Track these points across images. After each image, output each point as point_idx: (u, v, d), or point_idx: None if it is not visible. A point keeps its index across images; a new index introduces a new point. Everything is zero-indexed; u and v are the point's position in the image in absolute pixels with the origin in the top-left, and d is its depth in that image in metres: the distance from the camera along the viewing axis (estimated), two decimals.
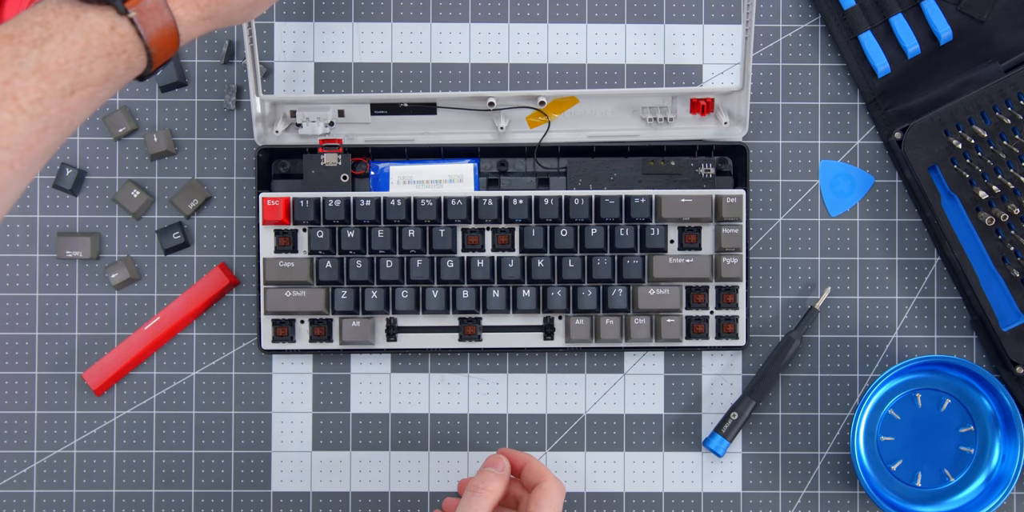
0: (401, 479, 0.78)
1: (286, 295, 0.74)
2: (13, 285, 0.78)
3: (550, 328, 0.75)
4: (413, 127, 0.77)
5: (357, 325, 0.74)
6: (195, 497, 0.78)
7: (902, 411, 0.78)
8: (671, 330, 0.75)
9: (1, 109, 0.48)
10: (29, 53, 0.49)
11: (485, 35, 0.80)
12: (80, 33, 0.50)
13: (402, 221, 0.75)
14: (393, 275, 0.75)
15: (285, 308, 0.75)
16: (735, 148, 0.77)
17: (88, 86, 0.50)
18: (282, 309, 0.75)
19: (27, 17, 0.50)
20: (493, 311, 0.75)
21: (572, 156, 0.78)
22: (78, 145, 0.79)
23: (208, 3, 0.56)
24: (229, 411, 0.78)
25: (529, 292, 0.75)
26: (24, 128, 0.48)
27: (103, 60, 0.51)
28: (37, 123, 0.49)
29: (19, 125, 0.48)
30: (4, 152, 0.48)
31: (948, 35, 0.78)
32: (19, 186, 0.50)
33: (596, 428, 0.79)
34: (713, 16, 0.80)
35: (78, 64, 0.50)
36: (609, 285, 0.75)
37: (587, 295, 0.75)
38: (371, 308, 0.75)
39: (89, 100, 0.51)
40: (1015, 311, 0.76)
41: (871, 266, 0.79)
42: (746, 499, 0.79)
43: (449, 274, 0.75)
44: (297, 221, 0.75)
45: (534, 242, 0.75)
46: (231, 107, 0.79)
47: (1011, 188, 0.76)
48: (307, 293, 0.74)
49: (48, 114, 0.49)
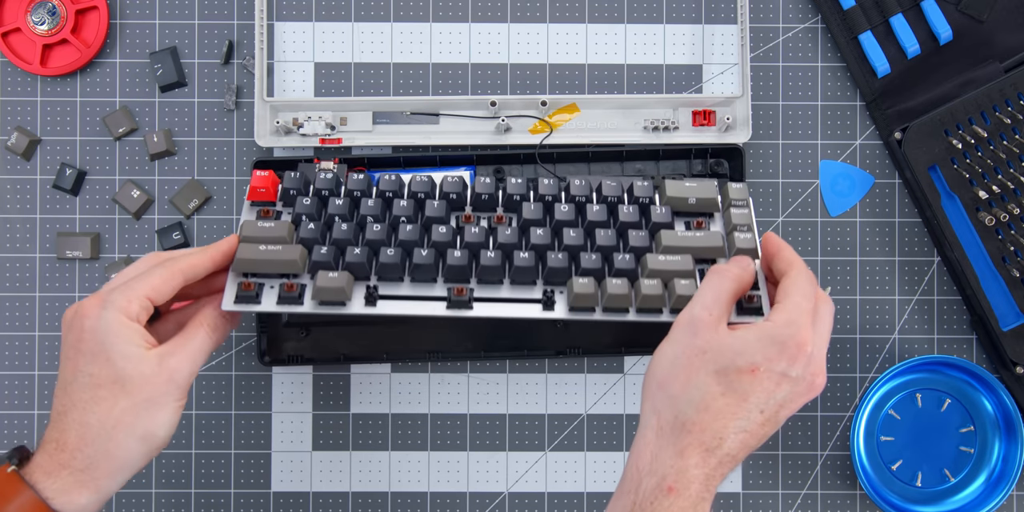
0: (401, 479, 0.78)
1: (260, 248, 0.63)
2: (13, 285, 0.78)
3: (550, 301, 0.65)
4: (415, 133, 0.77)
5: (334, 276, 0.63)
6: (195, 497, 0.78)
7: (902, 411, 0.78)
8: (685, 299, 0.62)
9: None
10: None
11: (485, 35, 0.80)
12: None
13: (394, 193, 0.68)
14: (379, 236, 0.65)
15: (255, 267, 0.63)
16: (731, 150, 0.77)
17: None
18: (252, 265, 0.63)
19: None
20: (487, 281, 0.65)
21: (569, 162, 0.78)
22: (78, 145, 0.79)
23: (73, 456, 0.55)
24: (229, 411, 0.78)
25: (528, 255, 0.65)
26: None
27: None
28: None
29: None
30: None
31: (948, 35, 0.78)
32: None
33: (596, 428, 0.79)
34: (713, 16, 0.80)
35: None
36: (615, 252, 0.66)
37: (591, 259, 0.65)
38: (353, 263, 0.64)
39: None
40: (1015, 311, 0.76)
41: (871, 266, 0.79)
42: (746, 499, 0.79)
43: (440, 237, 0.65)
44: (285, 192, 0.68)
45: (533, 214, 0.67)
46: (231, 107, 0.79)
47: (1011, 188, 0.76)
48: (283, 248, 0.63)
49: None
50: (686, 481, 0.53)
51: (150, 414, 0.56)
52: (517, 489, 0.79)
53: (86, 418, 0.55)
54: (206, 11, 0.79)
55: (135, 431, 0.56)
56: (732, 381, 0.54)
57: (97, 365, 0.56)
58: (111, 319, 0.56)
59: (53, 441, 0.56)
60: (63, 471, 0.55)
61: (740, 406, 0.54)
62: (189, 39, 0.79)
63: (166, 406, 0.57)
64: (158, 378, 0.56)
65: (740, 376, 0.54)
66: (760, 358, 0.55)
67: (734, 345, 0.55)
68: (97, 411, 0.55)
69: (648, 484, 0.54)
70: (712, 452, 0.54)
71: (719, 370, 0.55)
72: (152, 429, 0.57)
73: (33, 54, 0.78)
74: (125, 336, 0.56)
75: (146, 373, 0.56)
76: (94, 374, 0.56)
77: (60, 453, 0.55)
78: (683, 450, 0.54)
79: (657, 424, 0.55)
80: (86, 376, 0.56)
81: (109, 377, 0.55)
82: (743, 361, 0.54)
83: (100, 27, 0.78)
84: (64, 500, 0.55)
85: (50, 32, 0.77)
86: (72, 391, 0.56)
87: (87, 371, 0.56)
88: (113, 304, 0.56)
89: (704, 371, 0.55)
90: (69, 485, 0.55)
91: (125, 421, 0.56)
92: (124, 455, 0.56)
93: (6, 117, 0.79)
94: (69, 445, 0.55)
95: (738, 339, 0.55)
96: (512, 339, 0.78)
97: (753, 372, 0.54)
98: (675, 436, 0.54)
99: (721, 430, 0.54)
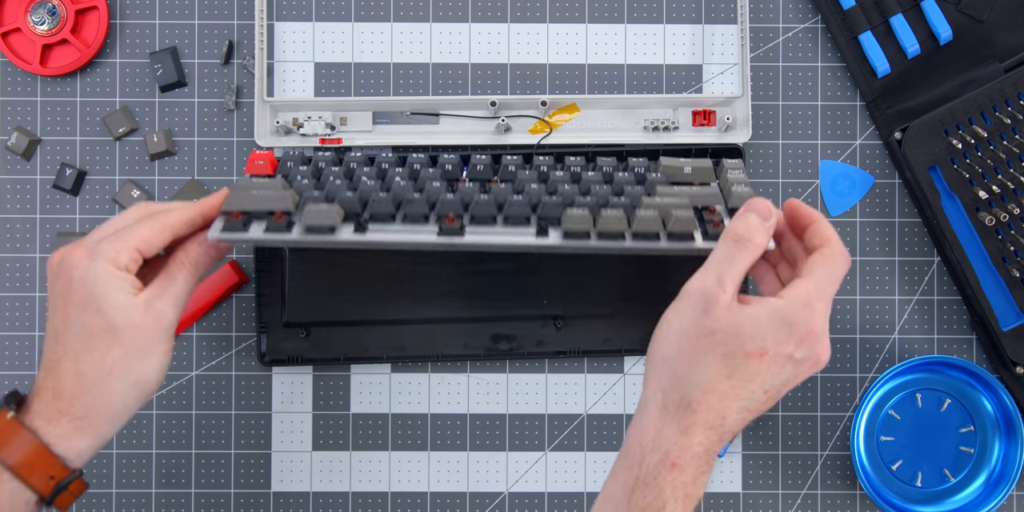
0: (401, 479, 0.78)
1: (252, 192, 0.62)
2: (13, 285, 0.78)
3: (543, 229, 0.63)
4: (415, 133, 0.78)
5: (324, 206, 0.61)
6: (195, 497, 0.78)
7: (902, 411, 0.78)
8: (683, 224, 0.61)
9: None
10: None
11: (485, 35, 0.80)
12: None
13: (391, 164, 0.68)
14: (372, 188, 0.64)
15: (246, 204, 0.62)
16: (731, 150, 0.77)
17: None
18: (243, 202, 0.62)
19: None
20: (480, 221, 0.63)
21: None
22: (78, 145, 0.79)
23: (71, 404, 0.56)
24: (229, 411, 0.78)
25: (522, 198, 0.63)
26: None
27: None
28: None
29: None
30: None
31: (948, 35, 0.78)
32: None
33: (596, 428, 0.79)
34: (713, 16, 0.80)
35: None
36: (610, 197, 0.64)
37: (586, 200, 0.63)
38: (344, 199, 0.63)
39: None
40: (1015, 311, 0.76)
41: (871, 266, 0.79)
42: (746, 499, 0.79)
43: (433, 190, 0.64)
44: (283, 165, 0.68)
45: (528, 178, 0.66)
46: (231, 107, 0.79)
47: (1011, 188, 0.76)
48: (275, 193, 0.62)
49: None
50: (689, 457, 0.54)
51: (143, 361, 0.57)
52: (517, 489, 0.79)
53: (81, 367, 0.56)
54: (206, 11, 0.79)
55: (129, 378, 0.57)
56: (739, 365, 0.54)
57: (88, 315, 0.56)
58: (100, 269, 0.56)
59: (48, 389, 0.56)
60: (62, 418, 0.56)
61: (745, 387, 0.54)
62: (189, 39, 0.79)
63: (156, 351, 0.57)
64: (147, 324, 0.57)
65: (748, 360, 0.54)
66: (770, 341, 0.54)
67: (745, 328, 0.54)
68: (91, 360, 0.56)
69: (651, 460, 0.54)
70: (715, 429, 0.55)
71: (727, 354, 0.54)
72: (146, 375, 0.57)
73: (33, 54, 0.78)
74: (115, 286, 0.56)
75: (136, 321, 0.56)
76: (85, 324, 0.56)
77: (58, 401, 0.56)
78: (687, 428, 0.54)
79: (662, 402, 0.55)
80: (78, 326, 0.56)
81: (101, 327, 0.56)
82: (753, 346, 0.54)
83: (100, 27, 0.78)
84: (65, 445, 0.56)
85: (50, 32, 0.77)
86: (65, 340, 0.56)
87: (78, 321, 0.56)
88: (102, 254, 0.56)
89: (712, 354, 0.54)
90: (69, 431, 0.56)
91: (119, 369, 0.56)
92: (120, 402, 0.57)
93: (6, 117, 0.79)
94: (66, 393, 0.56)
95: (750, 319, 0.54)
96: (512, 339, 0.78)
97: (761, 356, 0.54)
98: (680, 415, 0.54)
99: (725, 410, 0.55)
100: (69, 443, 0.56)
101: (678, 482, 0.54)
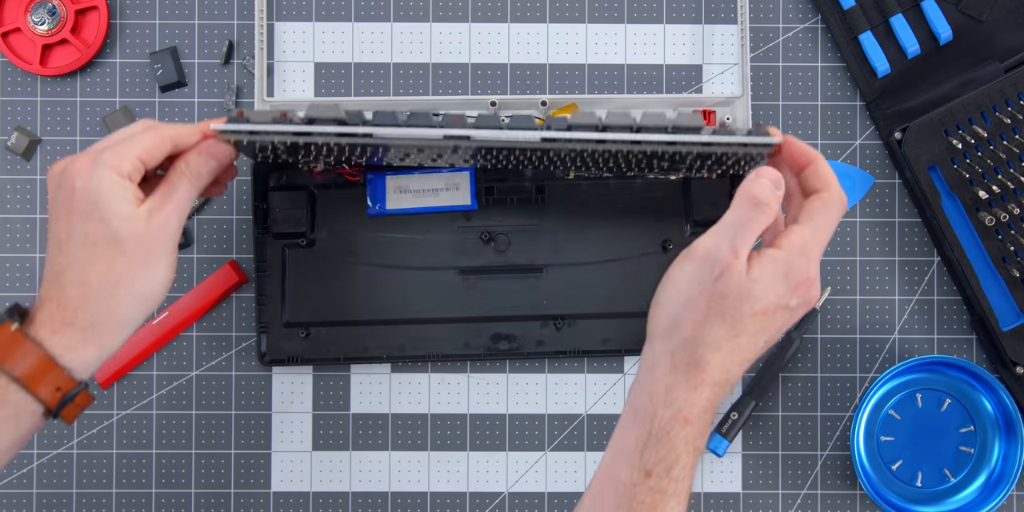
0: (401, 479, 0.78)
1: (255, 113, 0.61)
2: (13, 285, 0.78)
3: (551, 127, 0.61)
4: None
5: (330, 101, 0.59)
6: (195, 497, 0.78)
7: (902, 411, 0.78)
8: (690, 118, 0.61)
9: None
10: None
11: (485, 35, 0.80)
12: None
13: None
14: None
15: (250, 116, 0.60)
16: None
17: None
18: (247, 116, 0.60)
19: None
20: (485, 127, 0.61)
21: None
22: (78, 145, 0.79)
23: (76, 315, 0.55)
24: (229, 411, 0.78)
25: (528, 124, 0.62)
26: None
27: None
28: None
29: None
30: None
31: (948, 35, 0.78)
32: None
33: (596, 428, 0.79)
34: (713, 16, 0.80)
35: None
36: None
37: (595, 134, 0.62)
38: (349, 111, 0.61)
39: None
40: (1015, 311, 0.76)
41: (871, 266, 0.79)
42: (746, 499, 0.79)
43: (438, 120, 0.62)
44: None
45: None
46: (231, 107, 0.79)
47: (1011, 188, 0.76)
48: (282, 127, 0.60)
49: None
50: (698, 412, 0.56)
51: (148, 272, 0.56)
52: (517, 489, 0.79)
53: (85, 277, 0.55)
54: (206, 11, 0.79)
55: (134, 289, 0.56)
56: (746, 324, 0.55)
57: (91, 224, 0.55)
58: (103, 177, 0.55)
59: (52, 300, 0.55)
60: (68, 329, 0.55)
61: (749, 342, 0.56)
62: (189, 39, 0.79)
63: (160, 263, 0.56)
64: (150, 235, 0.56)
65: (754, 318, 0.55)
66: (772, 298, 0.55)
67: (753, 291, 0.55)
68: (96, 270, 0.55)
69: (664, 415, 0.55)
70: (720, 384, 0.56)
71: (736, 316, 0.55)
72: (150, 286, 0.56)
73: (33, 54, 0.78)
74: (118, 195, 0.55)
75: (139, 232, 0.55)
76: (89, 234, 0.55)
77: (62, 312, 0.55)
78: (697, 386, 0.55)
79: (671, 363, 0.56)
80: (81, 235, 0.55)
81: (104, 237, 0.55)
82: (760, 305, 0.55)
83: (100, 27, 0.78)
84: (71, 357, 0.55)
85: (50, 32, 0.77)
86: (68, 250, 0.55)
87: (81, 230, 0.55)
88: (105, 163, 0.55)
89: (721, 316, 0.55)
90: (75, 342, 0.55)
91: (124, 280, 0.55)
92: (125, 313, 0.56)
93: (6, 117, 0.79)
94: (71, 304, 0.55)
95: (756, 283, 0.55)
96: (512, 339, 0.78)
97: (766, 313, 0.55)
98: (689, 373, 0.56)
99: (730, 365, 0.56)
100: (75, 354, 0.55)
101: (689, 436, 0.55)
